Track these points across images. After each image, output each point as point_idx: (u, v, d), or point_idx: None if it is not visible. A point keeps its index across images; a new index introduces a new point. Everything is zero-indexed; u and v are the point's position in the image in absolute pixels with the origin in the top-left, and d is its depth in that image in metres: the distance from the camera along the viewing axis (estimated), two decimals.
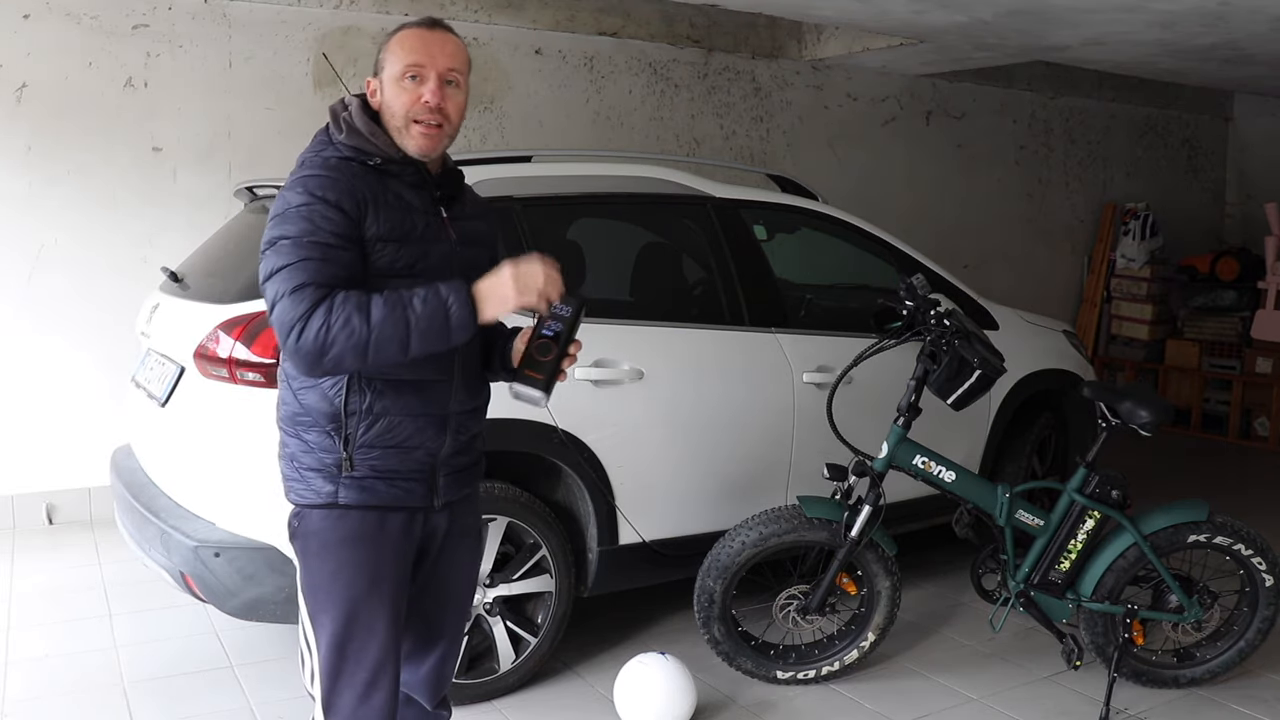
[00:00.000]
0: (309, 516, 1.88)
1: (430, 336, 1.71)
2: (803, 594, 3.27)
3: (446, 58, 1.86)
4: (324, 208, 1.74)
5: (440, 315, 1.71)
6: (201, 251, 3.63)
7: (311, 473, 1.87)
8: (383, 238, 1.80)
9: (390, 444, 1.85)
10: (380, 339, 1.69)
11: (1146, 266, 8.00)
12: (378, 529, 1.88)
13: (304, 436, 1.87)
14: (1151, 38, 5.34)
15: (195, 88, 5.00)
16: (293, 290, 1.70)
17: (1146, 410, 3.09)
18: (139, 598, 3.88)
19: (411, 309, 1.70)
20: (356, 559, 1.87)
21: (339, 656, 1.88)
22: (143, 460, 3.39)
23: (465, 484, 2.03)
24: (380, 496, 1.86)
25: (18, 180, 4.72)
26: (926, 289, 3.18)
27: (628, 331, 3.37)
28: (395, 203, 1.83)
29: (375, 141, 1.85)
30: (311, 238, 1.73)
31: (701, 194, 3.71)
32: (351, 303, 1.69)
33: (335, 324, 1.67)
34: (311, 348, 1.68)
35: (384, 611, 1.89)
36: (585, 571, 3.31)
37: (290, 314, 1.69)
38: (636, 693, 2.98)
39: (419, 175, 1.88)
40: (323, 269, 1.71)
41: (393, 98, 1.84)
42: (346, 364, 1.72)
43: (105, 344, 4.78)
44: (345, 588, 1.87)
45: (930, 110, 7.47)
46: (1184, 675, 3.29)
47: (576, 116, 6.06)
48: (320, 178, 1.78)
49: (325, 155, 1.84)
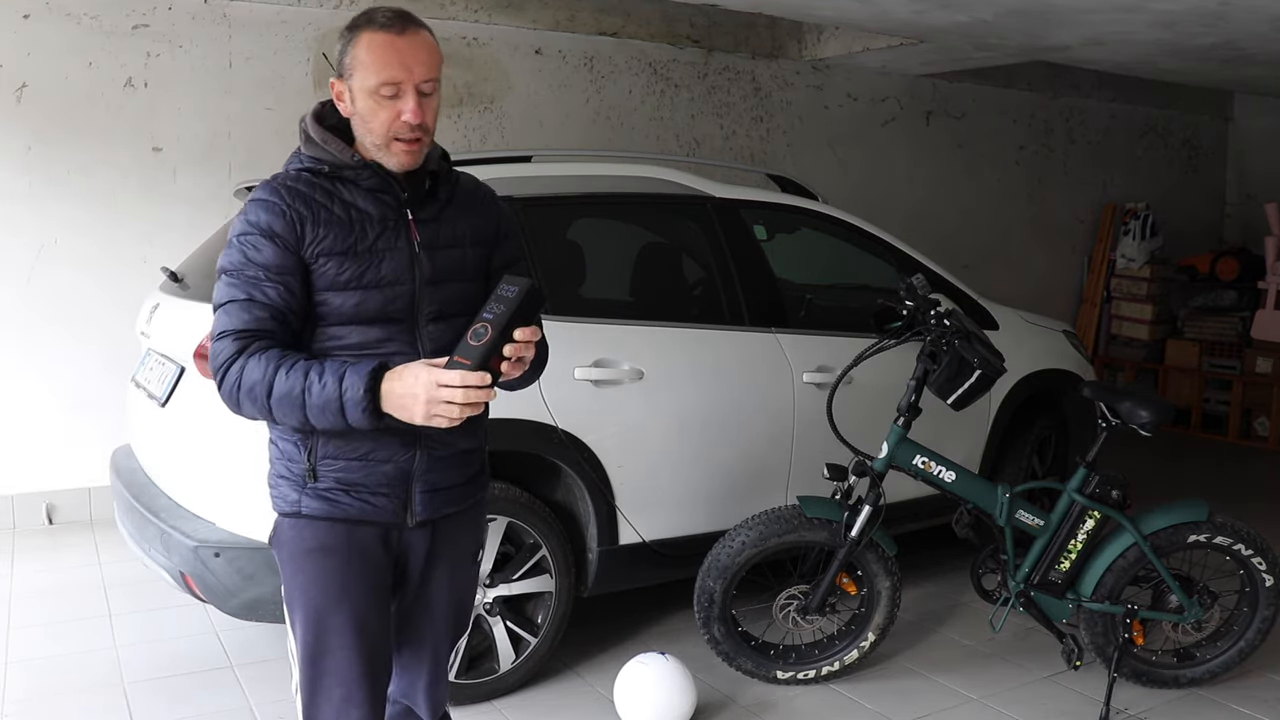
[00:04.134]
0: (281, 525, 1.87)
1: (327, 417, 1.66)
2: (803, 594, 3.27)
3: (421, 67, 1.73)
4: (257, 238, 1.73)
5: (334, 404, 1.64)
6: (201, 251, 3.63)
7: (282, 480, 1.85)
8: (324, 253, 1.74)
9: (353, 456, 1.80)
10: (280, 410, 1.68)
11: (1146, 266, 8.00)
12: (345, 541, 1.83)
13: (277, 444, 1.86)
14: (1151, 38, 5.33)
15: (195, 88, 5.00)
16: (217, 336, 1.72)
17: (1146, 410, 3.09)
18: (139, 598, 3.88)
19: (309, 391, 1.64)
20: (324, 570, 1.83)
21: (313, 669, 1.86)
22: (143, 460, 3.39)
23: (451, 502, 1.92)
24: (344, 509, 1.81)
25: (18, 180, 4.72)
26: (926, 289, 3.18)
27: (628, 331, 3.37)
28: (343, 214, 1.77)
29: (328, 149, 1.79)
30: (244, 272, 1.73)
31: (701, 194, 3.71)
32: (260, 368, 1.67)
33: (244, 386, 1.68)
34: (227, 399, 1.72)
35: (352, 626, 1.84)
36: (585, 571, 3.31)
37: (213, 364, 1.72)
38: (636, 693, 2.98)
39: (378, 179, 1.79)
40: (248, 310, 1.71)
41: (368, 114, 1.75)
42: (259, 419, 1.74)
43: (105, 344, 4.79)
44: (312, 599, 1.84)
45: (930, 110, 7.47)
46: (1184, 675, 3.29)
47: (576, 116, 6.06)
48: (262, 202, 1.75)
49: (288, 168, 1.82)
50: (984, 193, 7.81)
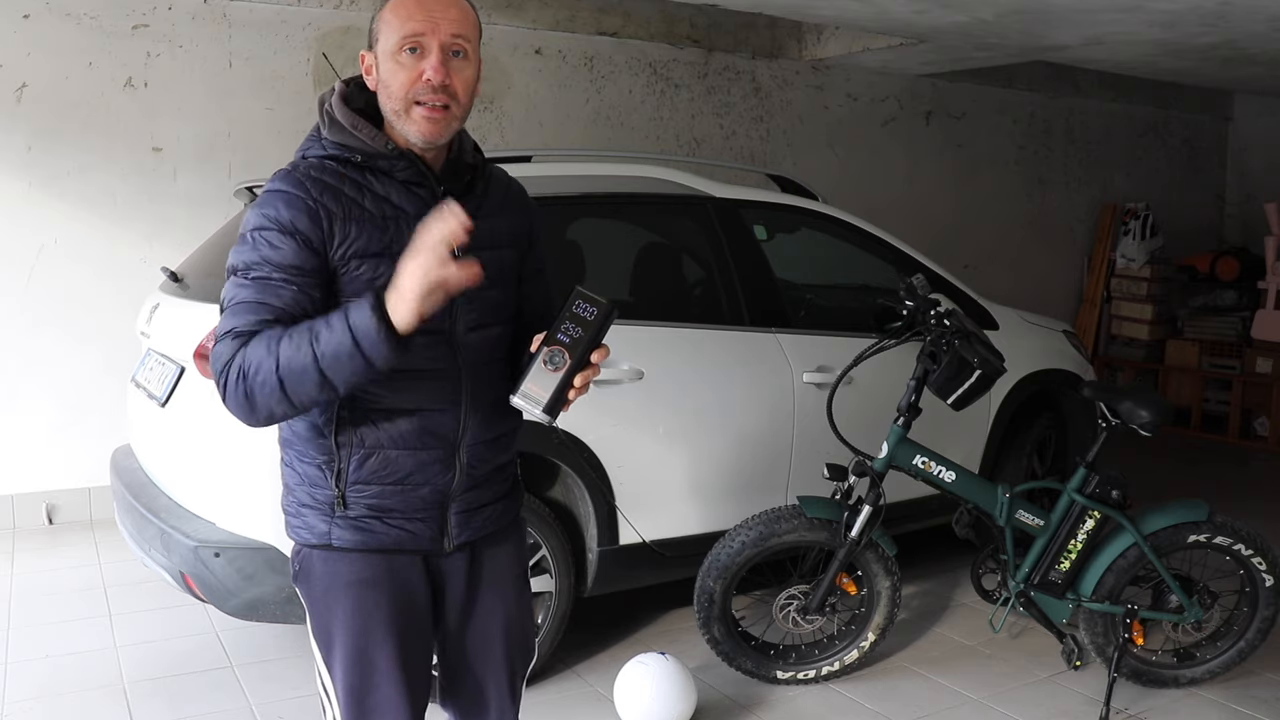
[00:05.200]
0: (309, 558, 1.70)
1: (342, 362, 1.44)
2: (803, 594, 3.27)
3: (450, 23, 1.54)
4: (274, 233, 1.53)
5: (348, 345, 1.43)
6: (201, 251, 3.63)
7: (306, 509, 1.68)
8: (357, 255, 1.55)
9: (388, 480, 1.64)
10: (292, 382, 1.46)
11: (1146, 266, 8.00)
12: (384, 572, 1.68)
13: (296, 467, 1.69)
14: (1151, 38, 5.34)
15: (195, 88, 5.00)
16: (220, 337, 1.53)
17: (1147, 410, 3.09)
18: (139, 598, 3.88)
19: (317, 342, 1.44)
20: (364, 605, 1.67)
21: (359, 709, 1.70)
22: (143, 460, 3.39)
23: (489, 522, 1.77)
24: (379, 538, 1.66)
25: (18, 180, 4.72)
26: (926, 289, 3.18)
27: (627, 331, 3.36)
28: (375, 210, 1.58)
29: (359, 135, 1.59)
30: (255, 273, 1.53)
31: (702, 194, 3.71)
32: (262, 345, 1.47)
33: (249, 373, 1.48)
34: (234, 400, 1.51)
35: (398, 660, 1.69)
36: (585, 571, 3.31)
37: (214, 365, 1.53)
38: (636, 693, 2.97)
39: (414, 170, 1.60)
40: (256, 312, 1.51)
41: (389, 76, 1.56)
42: (279, 411, 1.51)
43: (105, 344, 4.79)
44: (353, 636, 1.68)
45: (930, 110, 7.47)
46: (1184, 675, 3.29)
47: (576, 116, 6.06)
48: (281, 194, 1.55)
49: (308, 156, 1.62)
50: (984, 193, 7.81)
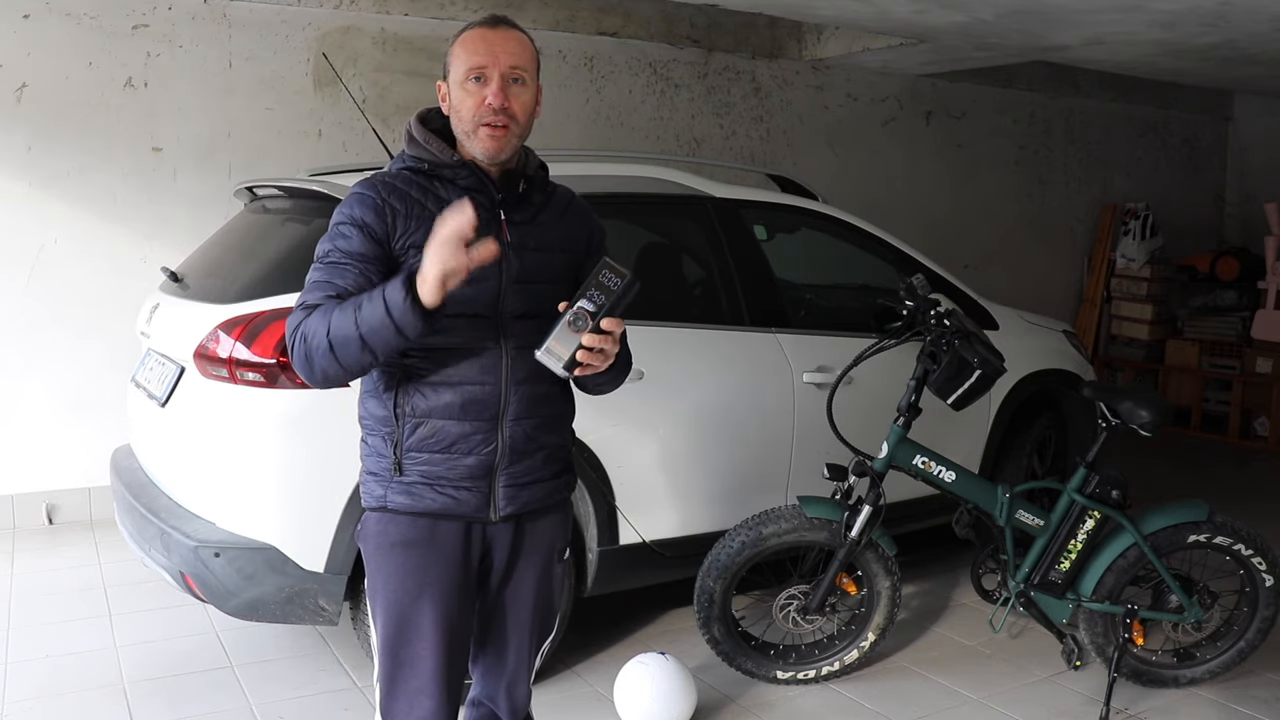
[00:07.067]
0: (368, 520, 1.93)
1: (378, 330, 1.67)
2: (803, 594, 3.27)
3: (509, 56, 1.84)
4: (348, 227, 1.82)
5: (380, 313, 1.66)
6: (201, 251, 3.63)
7: (370, 476, 1.91)
8: (415, 245, 1.79)
9: (436, 449, 1.85)
10: (341, 349, 1.71)
11: (1146, 266, 8.00)
12: (427, 536, 1.88)
13: (369, 441, 1.92)
14: (1151, 38, 5.34)
15: (195, 88, 5.00)
16: (295, 309, 1.79)
17: (1147, 410, 3.09)
18: (139, 598, 3.88)
19: (359, 313, 1.69)
20: (405, 564, 1.88)
21: (392, 662, 1.90)
22: (143, 460, 3.39)
23: (536, 499, 1.96)
24: (427, 503, 1.86)
25: (18, 180, 4.72)
26: (926, 289, 3.18)
27: (628, 331, 3.36)
28: (435, 209, 1.78)
29: (429, 148, 1.88)
30: (329, 258, 1.81)
31: (702, 194, 3.71)
32: (320, 317, 1.73)
33: (309, 334, 1.73)
34: (298, 358, 1.77)
35: (431, 619, 1.88)
36: (585, 571, 3.31)
37: (287, 332, 1.79)
38: (636, 693, 2.97)
39: (474, 179, 1.87)
40: (322, 290, 1.78)
41: (459, 102, 1.85)
42: (331, 371, 1.75)
43: (105, 344, 4.79)
44: (393, 592, 1.89)
45: (930, 110, 7.47)
46: (1184, 675, 3.29)
47: (576, 116, 6.05)
48: (358, 196, 1.85)
49: (391, 168, 1.91)
50: (984, 192, 7.81)
